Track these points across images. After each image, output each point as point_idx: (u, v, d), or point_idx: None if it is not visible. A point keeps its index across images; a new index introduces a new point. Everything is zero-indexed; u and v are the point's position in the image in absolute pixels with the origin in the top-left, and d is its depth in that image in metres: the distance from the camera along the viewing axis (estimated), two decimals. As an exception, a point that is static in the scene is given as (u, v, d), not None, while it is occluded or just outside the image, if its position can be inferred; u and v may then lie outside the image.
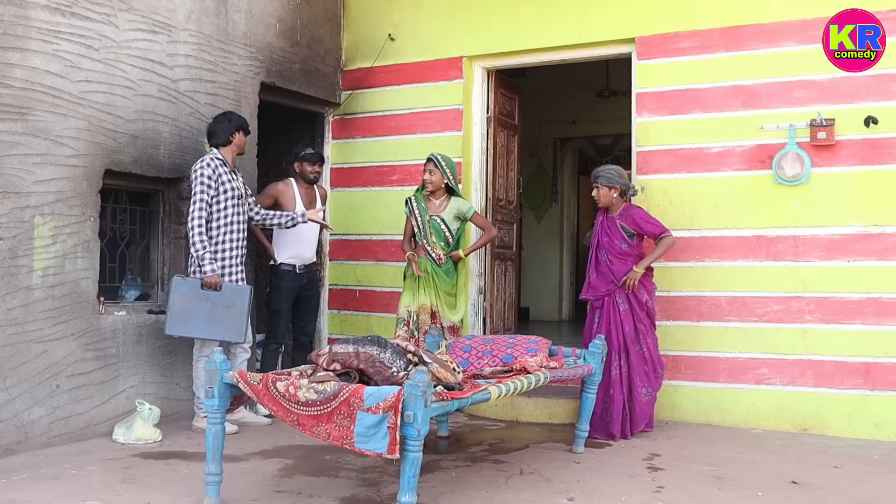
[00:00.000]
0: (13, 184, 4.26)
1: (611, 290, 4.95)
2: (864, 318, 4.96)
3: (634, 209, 5.02)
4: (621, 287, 4.91)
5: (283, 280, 5.52)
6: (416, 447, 3.02)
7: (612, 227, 5.01)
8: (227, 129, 4.92)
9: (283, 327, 5.57)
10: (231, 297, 4.72)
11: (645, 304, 4.92)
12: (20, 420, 4.29)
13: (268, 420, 5.07)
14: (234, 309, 4.72)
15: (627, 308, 4.92)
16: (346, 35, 6.75)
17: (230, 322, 4.71)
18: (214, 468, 3.41)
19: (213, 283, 4.68)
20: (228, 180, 4.83)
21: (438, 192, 5.34)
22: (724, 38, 5.35)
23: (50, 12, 4.44)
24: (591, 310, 5.12)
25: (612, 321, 4.94)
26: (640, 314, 4.92)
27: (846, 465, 4.29)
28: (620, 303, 4.93)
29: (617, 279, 4.93)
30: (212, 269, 4.68)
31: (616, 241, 4.97)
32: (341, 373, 3.38)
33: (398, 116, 6.47)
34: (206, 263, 4.67)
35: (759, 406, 5.18)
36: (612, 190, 4.98)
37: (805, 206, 5.13)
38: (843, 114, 5.03)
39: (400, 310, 5.30)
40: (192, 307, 4.66)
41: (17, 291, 4.28)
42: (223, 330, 4.71)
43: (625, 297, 4.92)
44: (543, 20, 5.93)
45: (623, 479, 3.97)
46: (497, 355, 4.30)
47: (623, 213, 4.99)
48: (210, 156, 4.84)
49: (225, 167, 4.85)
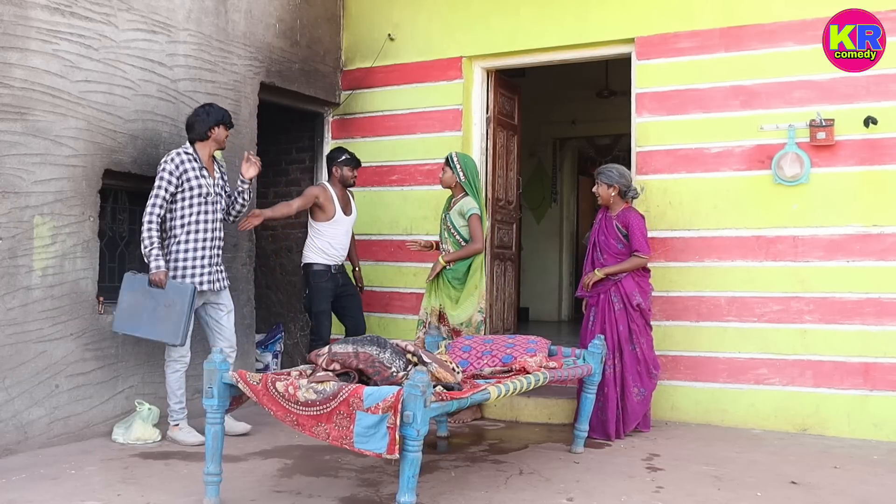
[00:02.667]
0: (12, 184, 4.26)
1: (606, 289, 4.96)
2: (864, 318, 4.96)
3: (633, 213, 4.98)
4: (615, 286, 4.92)
5: (321, 280, 5.55)
6: (415, 447, 3.02)
7: (608, 226, 5.02)
8: (206, 123, 4.69)
9: (328, 327, 5.62)
10: (173, 296, 4.50)
11: (637, 305, 4.89)
12: (19, 420, 4.29)
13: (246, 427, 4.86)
14: (174, 308, 4.49)
15: (622, 308, 4.91)
16: (345, 35, 6.75)
17: (169, 322, 4.49)
18: (214, 468, 3.41)
19: (157, 280, 4.49)
20: (195, 177, 4.63)
21: (454, 189, 5.39)
22: (724, 38, 5.35)
23: (49, 12, 4.44)
24: (587, 308, 5.13)
25: (606, 320, 4.94)
26: (633, 314, 4.90)
27: (845, 466, 4.29)
28: (615, 302, 4.93)
29: (611, 279, 4.94)
30: (156, 266, 4.48)
31: (612, 240, 4.98)
32: (341, 373, 3.38)
33: (398, 116, 6.47)
34: (153, 260, 4.49)
35: (759, 406, 5.19)
36: (610, 188, 4.99)
37: (804, 206, 5.13)
38: (843, 114, 5.03)
39: (420, 311, 5.46)
40: (138, 305, 4.51)
41: (16, 291, 4.28)
42: (162, 330, 4.51)
43: (620, 296, 4.90)
44: (543, 20, 5.93)
45: (622, 480, 3.97)
46: (496, 355, 4.30)
47: (621, 214, 4.99)
48: (180, 149, 4.67)
49: (195, 163, 4.66)
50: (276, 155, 6.90)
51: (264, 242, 6.99)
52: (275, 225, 7.05)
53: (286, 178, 7.04)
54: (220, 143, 4.79)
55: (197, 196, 4.65)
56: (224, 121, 4.77)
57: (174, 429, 4.68)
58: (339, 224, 5.58)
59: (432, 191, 6.13)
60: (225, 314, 4.87)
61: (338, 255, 5.61)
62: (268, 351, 6.43)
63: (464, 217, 5.29)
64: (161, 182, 4.55)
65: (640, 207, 5.55)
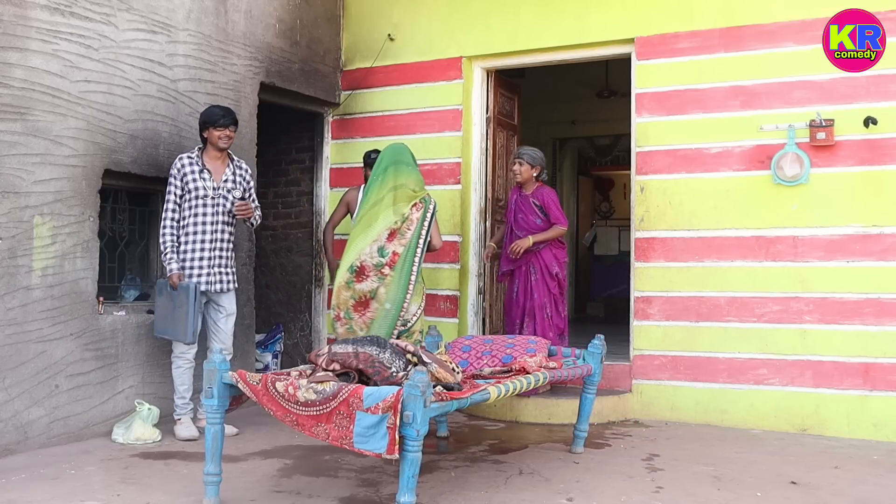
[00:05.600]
0: (12, 184, 4.26)
1: (527, 261, 5.47)
2: (864, 318, 4.96)
3: (546, 189, 5.54)
4: (535, 258, 5.43)
5: None
6: (415, 447, 3.02)
7: (525, 204, 5.53)
8: (199, 129, 4.85)
9: None
10: (182, 296, 4.65)
11: (555, 275, 5.44)
12: (19, 420, 4.29)
13: (190, 434, 4.73)
14: (182, 308, 4.65)
15: (539, 278, 5.44)
16: (345, 35, 6.75)
17: (177, 321, 4.66)
18: (213, 468, 3.41)
19: (170, 282, 4.66)
20: (193, 180, 4.73)
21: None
22: (724, 38, 5.35)
23: (49, 12, 4.44)
24: (510, 282, 5.64)
25: (523, 289, 5.48)
26: (550, 283, 5.44)
27: (845, 466, 4.29)
28: (533, 273, 5.47)
29: (531, 250, 5.43)
30: (169, 269, 4.66)
31: (531, 216, 5.49)
32: (340, 373, 3.39)
33: (397, 116, 6.47)
34: (167, 262, 4.68)
35: (759, 406, 5.19)
36: (533, 169, 5.51)
37: (804, 206, 5.13)
38: (843, 114, 5.03)
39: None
40: (164, 308, 4.72)
41: (16, 291, 4.28)
42: (176, 329, 4.67)
43: (538, 268, 5.45)
44: (543, 20, 5.93)
45: (622, 480, 3.97)
46: (496, 355, 4.30)
47: (536, 191, 5.51)
48: (185, 154, 4.82)
49: (195, 165, 4.75)
50: (276, 155, 6.90)
51: (264, 242, 6.99)
52: (275, 225, 7.06)
53: (286, 179, 7.04)
54: (215, 144, 4.79)
55: (195, 198, 4.74)
56: (211, 122, 4.75)
57: (176, 422, 4.75)
58: None
59: (432, 191, 6.10)
60: (223, 317, 4.89)
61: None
62: (268, 351, 6.43)
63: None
64: (168, 186, 4.74)
65: (639, 208, 5.59)
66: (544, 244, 5.44)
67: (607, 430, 5.11)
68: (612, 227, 12.15)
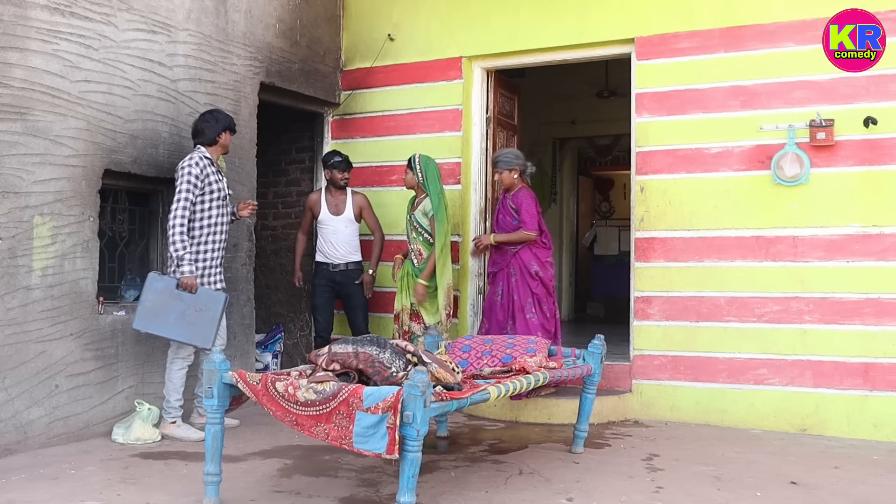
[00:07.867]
0: (12, 184, 4.26)
1: (507, 262, 5.46)
2: (864, 318, 4.96)
3: (523, 193, 5.48)
4: (514, 258, 5.40)
5: (314, 276, 6.04)
6: (415, 447, 3.02)
7: (504, 205, 5.58)
8: (215, 129, 4.84)
9: (321, 322, 5.98)
10: (205, 301, 4.63)
11: (535, 274, 5.36)
12: (19, 420, 4.29)
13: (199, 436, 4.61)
14: (207, 314, 4.61)
15: (519, 278, 5.39)
16: (345, 35, 6.75)
17: (200, 326, 4.61)
18: (213, 468, 3.41)
19: (189, 284, 4.59)
20: (216, 180, 4.78)
21: (417, 190, 5.67)
22: (724, 38, 5.35)
23: (49, 12, 4.44)
24: (493, 282, 5.61)
25: (507, 290, 5.44)
26: (532, 283, 5.37)
27: (845, 466, 4.29)
28: (513, 273, 5.43)
29: (510, 252, 5.42)
30: (190, 271, 4.60)
31: (507, 217, 5.52)
32: (340, 373, 3.39)
33: (397, 116, 6.47)
34: (186, 264, 4.59)
35: (759, 406, 5.19)
36: (512, 172, 5.50)
37: (804, 206, 5.13)
38: (843, 114, 5.03)
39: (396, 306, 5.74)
40: (164, 305, 4.59)
41: (16, 291, 4.28)
42: (192, 333, 4.61)
43: (517, 268, 5.40)
44: (543, 20, 5.93)
45: (622, 480, 3.97)
46: (496, 355, 4.30)
47: (515, 194, 5.51)
48: (199, 154, 4.77)
49: (212, 167, 4.80)
50: (275, 155, 6.90)
51: (264, 242, 6.99)
52: (275, 225, 7.06)
53: (286, 179, 7.04)
54: (225, 147, 4.97)
55: (217, 199, 4.79)
56: (230, 126, 4.95)
57: (171, 426, 4.72)
58: (325, 224, 5.95)
59: (432, 191, 6.12)
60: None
61: (332, 254, 5.94)
62: (268, 351, 6.43)
63: (427, 216, 5.57)
64: (188, 185, 4.64)
65: (639, 208, 5.58)
66: (514, 246, 5.41)
67: (607, 430, 5.11)
68: (612, 227, 12.16)
